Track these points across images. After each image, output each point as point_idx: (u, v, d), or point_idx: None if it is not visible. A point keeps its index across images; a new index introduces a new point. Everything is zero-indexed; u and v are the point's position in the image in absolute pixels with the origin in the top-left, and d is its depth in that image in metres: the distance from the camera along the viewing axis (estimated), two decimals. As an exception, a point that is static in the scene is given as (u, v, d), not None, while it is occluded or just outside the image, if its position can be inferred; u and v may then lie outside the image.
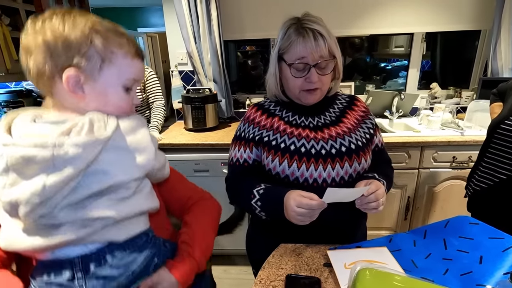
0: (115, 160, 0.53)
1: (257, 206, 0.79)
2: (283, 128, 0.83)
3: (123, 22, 5.08)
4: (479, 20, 1.98)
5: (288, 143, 0.81)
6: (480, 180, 1.18)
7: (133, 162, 0.55)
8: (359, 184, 0.75)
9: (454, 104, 2.08)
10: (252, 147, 0.86)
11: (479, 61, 2.15)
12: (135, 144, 0.56)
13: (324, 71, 0.79)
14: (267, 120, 0.86)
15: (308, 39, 0.75)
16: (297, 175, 0.79)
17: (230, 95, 2.13)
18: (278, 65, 0.83)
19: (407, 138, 1.65)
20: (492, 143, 1.14)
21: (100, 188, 0.51)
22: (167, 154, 1.70)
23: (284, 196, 0.73)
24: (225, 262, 1.94)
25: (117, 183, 0.53)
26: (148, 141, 0.58)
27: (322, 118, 0.86)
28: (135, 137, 0.57)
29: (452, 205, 1.76)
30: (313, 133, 0.82)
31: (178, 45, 2.11)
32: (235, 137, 0.91)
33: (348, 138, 0.82)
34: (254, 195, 0.79)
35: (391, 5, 1.99)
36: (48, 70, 0.51)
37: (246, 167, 0.86)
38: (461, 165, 1.68)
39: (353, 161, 0.80)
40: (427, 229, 0.76)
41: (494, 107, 1.31)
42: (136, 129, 0.58)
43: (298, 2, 2.00)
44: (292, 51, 0.78)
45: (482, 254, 0.64)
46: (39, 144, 0.47)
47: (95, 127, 0.52)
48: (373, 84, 2.46)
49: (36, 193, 0.47)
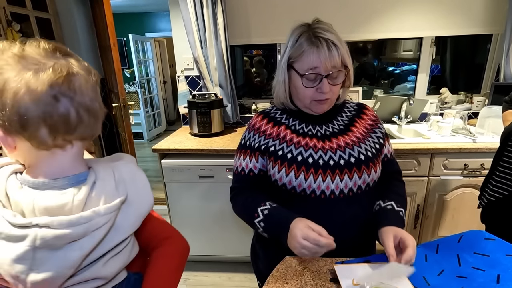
0: (124, 215, 0.53)
1: (259, 226, 0.76)
2: (290, 138, 0.81)
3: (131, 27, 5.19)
4: (491, 23, 1.93)
5: (295, 153, 0.78)
6: (494, 190, 1.14)
7: (137, 213, 0.55)
8: (387, 238, 0.68)
9: (465, 109, 2.03)
10: (258, 156, 0.83)
11: (491, 66, 2.10)
12: (137, 195, 0.56)
13: (336, 81, 0.78)
14: (273, 129, 0.83)
15: (321, 49, 0.73)
16: (304, 187, 0.76)
17: (236, 100, 2.12)
18: (287, 73, 0.81)
19: (416, 144, 1.61)
20: (506, 151, 1.10)
21: (112, 246, 0.52)
22: (172, 160, 1.72)
23: (290, 223, 0.70)
24: (229, 269, 1.91)
25: (124, 237, 0.53)
26: (147, 187, 0.57)
27: (330, 127, 0.84)
28: (136, 186, 0.56)
29: (464, 215, 1.71)
30: (321, 143, 0.80)
31: (184, 50, 2.11)
32: (240, 145, 0.88)
33: (357, 148, 0.80)
34: (258, 214, 0.76)
35: (400, 9, 1.96)
36: None
37: (251, 176, 0.84)
38: (473, 173, 1.63)
39: (362, 172, 0.78)
40: (439, 244, 0.73)
41: (507, 114, 1.26)
42: (135, 176, 0.57)
43: (305, 7, 1.99)
44: (304, 61, 0.75)
45: (500, 273, 0.60)
46: (73, 222, 0.46)
47: (106, 187, 0.51)
48: (381, 89, 2.42)
49: (73, 266, 0.47)
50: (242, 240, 1.80)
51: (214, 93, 1.99)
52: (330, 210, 0.77)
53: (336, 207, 0.78)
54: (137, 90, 4.77)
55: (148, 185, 0.58)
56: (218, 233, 1.83)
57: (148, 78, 5.14)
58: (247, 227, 1.55)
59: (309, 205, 0.78)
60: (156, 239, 0.69)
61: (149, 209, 0.58)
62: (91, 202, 0.49)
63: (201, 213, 1.80)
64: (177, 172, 1.74)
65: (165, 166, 1.73)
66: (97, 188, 0.50)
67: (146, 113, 4.92)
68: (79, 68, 0.47)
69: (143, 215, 0.56)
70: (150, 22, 5.46)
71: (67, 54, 0.48)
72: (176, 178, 1.74)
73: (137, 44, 4.61)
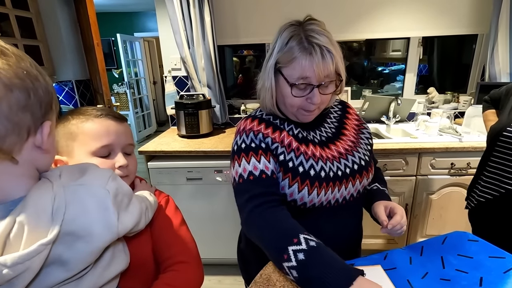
0: (70, 249, 0.43)
1: (289, 272, 0.58)
2: (296, 146, 0.73)
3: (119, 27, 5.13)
4: (476, 24, 1.96)
5: (307, 166, 0.71)
6: (483, 191, 1.14)
7: (89, 248, 0.44)
8: (379, 208, 0.76)
9: (452, 109, 2.05)
10: (270, 157, 0.70)
11: (476, 65, 2.13)
12: (87, 227, 0.44)
13: (327, 90, 0.71)
14: (275, 134, 0.73)
15: (315, 57, 0.65)
16: (315, 202, 0.72)
17: (225, 101, 2.10)
18: (274, 78, 0.72)
19: (404, 144, 1.62)
20: (494, 151, 1.09)
21: (54, 283, 0.43)
22: (159, 162, 1.69)
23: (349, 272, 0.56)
24: (219, 272, 1.89)
25: (72, 275, 0.44)
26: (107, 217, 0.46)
27: (323, 131, 0.80)
28: (87, 217, 0.44)
29: (451, 213, 1.72)
30: (320, 151, 0.75)
31: (171, 50, 2.08)
32: (238, 150, 0.73)
33: (357, 154, 0.79)
34: (289, 256, 0.58)
35: (387, 9, 1.97)
36: None
37: (263, 179, 0.68)
38: (460, 172, 1.65)
39: (363, 178, 0.77)
40: (423, 245, 0.72)
41: (487, 114, 1.27)
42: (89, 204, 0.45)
43: (294, 6, 1.98)
44: (295, 69, 0.67)
45: (482, 275, 0.60)
46: None
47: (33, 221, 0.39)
48: (370, 88, 2.43)
49: None
50: (231, 243, 1.77)
51: (202, 94, 1.96)
52: (329, 218, 0.76)
53: (334, 215, 0.77)
54: (126, 90, 4.69)
55: (109, 212, 0.46)
56: (207, 235, 1.80)
57: (138, 78, 5.07)
58: (236, 229, 1.53)
59: (308, 215, 0.74)
60: (170, 261, 0.63)
61: (110, 241, 0.47)
62: (10, 245, 0.38)
63: (189, 215, 1.75)
64: (165, 175, 1.70)
65: (152, 168, 1.70)
66: (18, 224, 0.38)
67: (135, 114, 4.85)
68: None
69: (99, 248, 0.46)
70: (139, 21, 5.38)
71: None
72: (163, 180, 1.71)
73: (125, 44, 4.54)
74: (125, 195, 0.52)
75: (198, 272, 0.65)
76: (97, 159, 0.61)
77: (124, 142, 0.65)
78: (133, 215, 0.52)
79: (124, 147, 0.65)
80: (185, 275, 0.62)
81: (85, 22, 2.03)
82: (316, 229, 0.69)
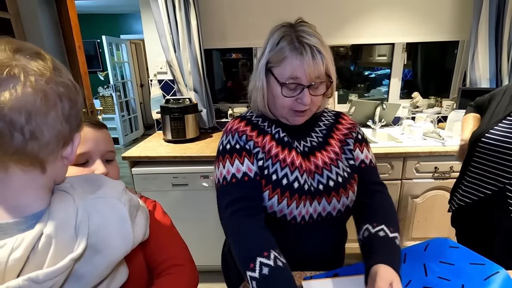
0: (88, 264, 0.42)
1: (250, 282, 0.58)
2: (275, 153, 0.73)
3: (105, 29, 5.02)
4: (457, 31, 2.01)
5: (280, 175, 0.70)
6: (464, 195, 1.15)
7: (107, 262, 0.44)
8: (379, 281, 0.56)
9: (435, 113, 2.10)
10: (253, 159, 0.71)
11: (458, 71, 2.18)
12: (108, 241, 0.44)
13: (317, 91, 0.71)
14: (258, 138, 0.74)
15: (305, 57, 0.65)
16: (285, 213, 0.71)
17: (212, 105, 2.08)
18: (265, 78, 0.73)
19: (389, 149, 1.64)
20: (474, 156, 1.11)
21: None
22: (144, 168, 1.65)
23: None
24: (206, 279, 1.85)
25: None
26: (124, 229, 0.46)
27: (308, 141, 0.77)
28: (107, 231, 0.44)
29: (436, 216, 1.75)
30: (301, 160, 0.73)
31: (157, 53, 2.05)
32: (222, 151, 0.74)
33: (335, 170, 0.74)
34: (254, 266, 0.59)
35: (373, 16, 2.00)
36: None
37: (246, 182, 0.69)
38: (443, 175, 1.68)
39: (340, 196, 0.73)
40: (406, 253, 0.72)
41: (468, 117, 1.27)
42: (109, 217, 0.45)
43: (282, 11, 1.98)
44: (286, 68, 0.67)
45: (464, 283, 0.60)
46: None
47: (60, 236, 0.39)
48: (356, 93, 2.46)
49: None
50: (218, 249, 1.74)
51: (189, 98, 1.93)
52: (305, 234, 0.73)
53: (313, 231, 0.74)
54: (112, 93, 4.59)
55: (127, 224, 0.46)
56: (194, 242, 1.75)
57: (124, 81, 4.97)
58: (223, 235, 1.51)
59: (286, 230, 0.73)
60: (165, 265, 0.62)
61: (125, 253, 0.47)
62: (35, 258, 0.37)
63: (174, 222, 1.71)
64: (149, 181, 1.67)
65: (136, 174, 1.66)
66: (46, 238, 0.38)
67: (121, 117, 4.75)
68: (31, 74, 0.37)
69: (115, 261, 0.45)
70: (125, 23, 5.30)
71: (35, 56, 0.38)
72: (148, 186, 1.67)
73: (111, 46, 4.45)
74: (134, 207, 0.51)
75: (194, 273, 0.65)
76: (74, 168, 0.60)
77: (104, 149, 0.64)
78: (141, 227, 0.52)
79: (103, 154, 0.64)
80: (181, 277, 0.61)
81: (67, 24, 1.97)
82: (289, 246, 0.68)
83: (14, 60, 0.36)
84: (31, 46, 0.40)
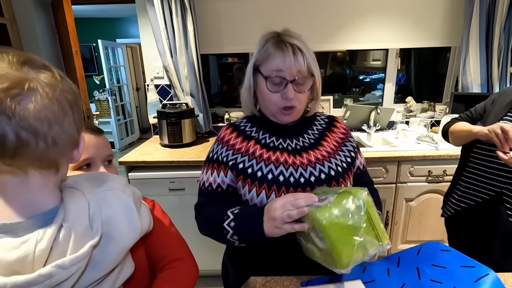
0: (102, 251, 0.46)
1: (229, 228, 0.69)
2: (259, 154, 0.77)
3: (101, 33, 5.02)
4: (449, 37, 2.06)
5: (265, 171, 0.75)
6: (459, 200, 1.16)
7: (119, 248, 0.48)
8: None
9: (429, 117, 2.13)
10: (228, 171, 0.78)
11: (450, 76, 2.23)
12: (119, 229, 0.48)
13: (301, 88, 0.76)
14: (242, 144, 0.80)
15: (287, 53, 0.72)
16: None
17: (208, 109, 2.09)
18: (253, 77, 0.79)
19: (384, 153, 1.66)
20: (469, 161, 1.12)
21: (87, 284, 0.45)
22: (140, 172, 1.65)
23: (263, 208, 0.65)
24: (204, 284, 1.85)
25: (103, 275, 0.47)
26: (133, 217, 0.50)
27: (300, 140, 0.81)
28: (117, 220, 0.48)
29: (430, 219, 1.78)
30: (292, 158, 0.77)
31: (154, 58, 2.06)
32: (208, 159, 0.83)
33: (328, 164, 0.78)
34: (228, 216, 0.70)
35: (367, 22, 2.04)
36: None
37: (219, 192, 0.78)
38: (437, 179, 1.71)
39: None
40: (400, 256, 0.74)
41: (457, 125, 1.17)
42: (118, 207, 0.49)
43: (278, 17, 2.01)
44: (269, 64, 0.75)
45: (455, 285, 0.62)
46: (31, 282, 0.38)
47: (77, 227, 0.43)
48: (351, 97, 2.49)
49: None
50: (215, 254, 1.75)
51: (185, 103, 1.94)
52: None
53: None
54: (108, 97, 4.58)
55: (134, 213, 0.50)
56: (191, 247, 1.76)
57: (120, 85, 4.96)
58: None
59: None
60: (166, 260, 0.67)
61: (135, 241, 0.50)
62: (58, 248, 0.41)
63: (172, 227, 1.74)
64: (146, 185, 1.67)
65: (133, 179, 1.66)
66: (65, 229, 0.42)
67: (117, 121, 4.74)
68: (45, 85, 0.40)
69: (126, 248, 0.49)
70: (121, 27, 5.31)
71: (42, 68, 0.41)
72: (144, 191, 1.65)
73: (107, 50, 4.45)
74: (138, 199, 0.55)
75: (194, 266, 0.70)
76: (79, 172, 0.64)
77: (105, 154, 0.68)
78: (146, 217, 0.56)
79: (104, 158, 0.68)
80: (182, 271, 0.67)
81: (64, 29, 1.98)
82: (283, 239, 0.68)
83: (28, 74, 0.39)
84: (37, 58, 0.42)
